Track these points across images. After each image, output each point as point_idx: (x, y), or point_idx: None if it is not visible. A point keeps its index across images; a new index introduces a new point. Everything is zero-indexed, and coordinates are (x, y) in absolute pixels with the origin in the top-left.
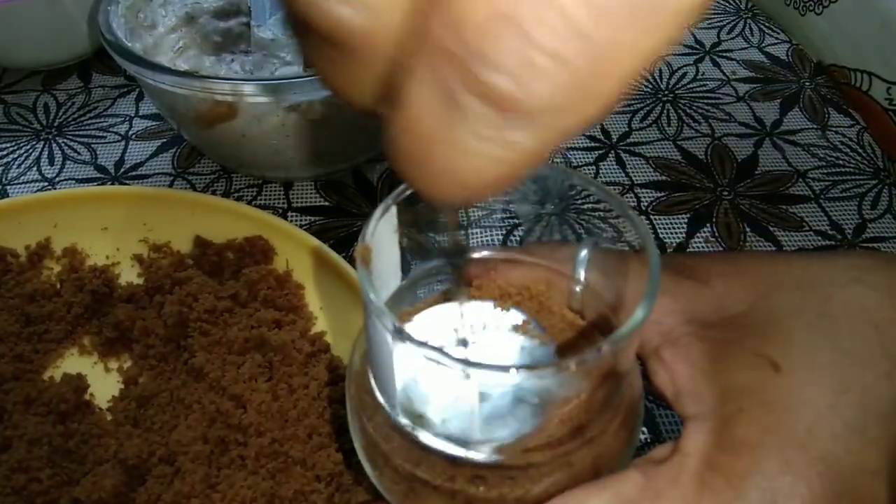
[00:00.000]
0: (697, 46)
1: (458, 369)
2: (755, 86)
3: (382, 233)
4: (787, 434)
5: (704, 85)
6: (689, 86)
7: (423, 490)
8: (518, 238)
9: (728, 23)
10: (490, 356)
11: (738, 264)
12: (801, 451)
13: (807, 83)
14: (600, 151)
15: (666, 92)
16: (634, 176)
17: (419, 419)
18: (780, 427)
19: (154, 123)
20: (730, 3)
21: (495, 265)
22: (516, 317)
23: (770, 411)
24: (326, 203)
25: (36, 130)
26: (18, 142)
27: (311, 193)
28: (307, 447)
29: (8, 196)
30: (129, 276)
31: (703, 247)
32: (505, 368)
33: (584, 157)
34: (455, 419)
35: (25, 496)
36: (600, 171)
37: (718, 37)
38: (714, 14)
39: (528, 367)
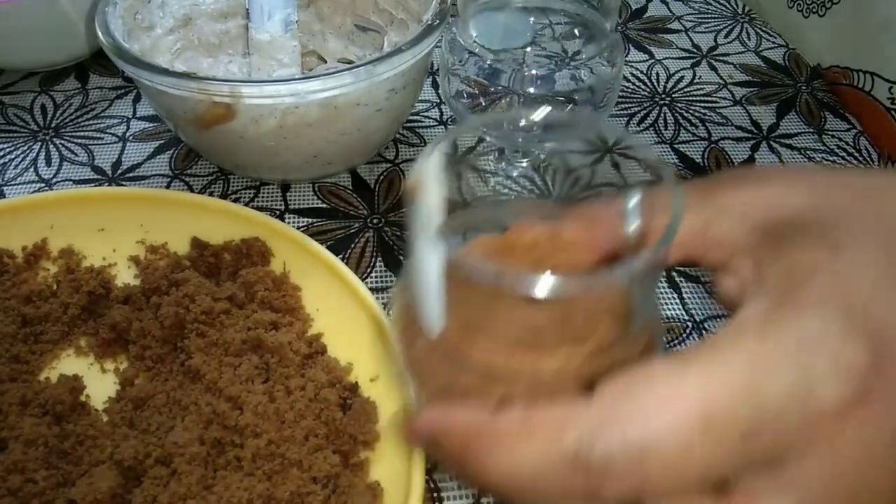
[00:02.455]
0: (694, 50)
1: (495, 275)
2: (752, 90)
3: (428, 173)
4: (846, 299)
5: (701, 89)
6: (685, 89)
7: (464, 394)
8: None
9: (725, 27)
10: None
11: (792, 172)
12: (863, 316)
13: (803, 87)
14: (597, 154)
15: (663, 95)
16: (630, 179)
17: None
18: (840, 292)
19: (151, 125)
20: (727, 7)
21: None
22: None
23: (831, 281)
24: (324, 205)
25: (33, 131)
26: (15, 143)
27: (308, 195)
28: (304, 449)
29: (5, 197)
30: (125, 277)
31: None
32: (547, 277)
33: (580, 160)
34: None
35: (21, 497)
36: (595, 174)
37: (715, 41)
38: (711, 18)
39: (567, 276)
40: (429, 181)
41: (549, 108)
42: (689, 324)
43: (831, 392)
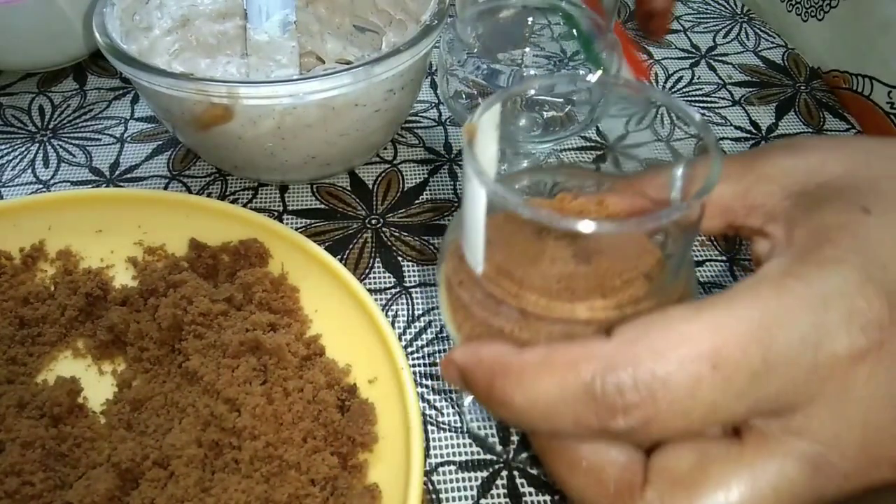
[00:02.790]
0: (693, 50)
1: (538, 212)
2: (751, 90)
3: (485, 123)
4: (871, 255)
5: (700, 89)
6: (684, 90)
7: (498, 336)
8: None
9: (724, 27)
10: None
11: (835, 140)
12: (883, 271)
13: (802, 87)
14: (599, 152)
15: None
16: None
17: (502, 280)
18: (861, 250)
19: (149, 126)
20: (725, 8)
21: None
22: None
23: (854, 240)
24: (322, 206)
25: (31, 132)
26: (13, 144)
27: (306, 196)
28: (302, 451)
29: (2, 198)
30: (123, 278)
31: (699, 251)
32: (592, 219)
33: (580, 157)
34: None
35: (18, 500)
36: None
37: (714, 41)
38: (710, 18)
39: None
40: (485, 130)
41: (600, 72)
42: None
43: (844, 340)
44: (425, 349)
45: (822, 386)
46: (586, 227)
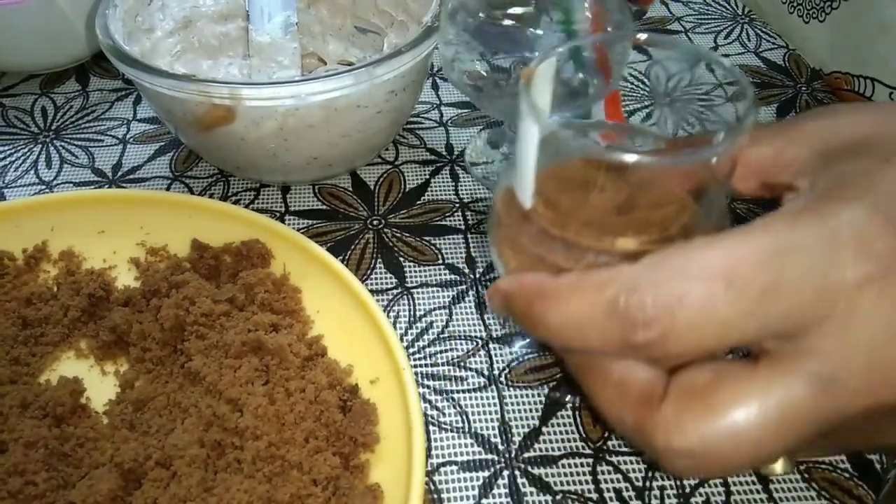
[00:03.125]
0: None
1: (595, 147)
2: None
3: (542, 71)
4: (885, 195)
5: (699, 88)
6: (684, 89)
7: (545, 268)
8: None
9: (725, 28)
10: None
11: (865, 104)
12: (894, 208)
13: (803, 88)
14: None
15: (662, 95)
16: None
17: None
18: (876, 191)
19: (152, 127)
20: (726, 8)
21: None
22: None
23: (870, 183)
24: (324, 207)
25: (33, 133)
26: (16, 145)
27: (308, 197)
28: (304, 451)
29: (5, 199)
30: (125, 279)
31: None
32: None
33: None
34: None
35: (21, 500)
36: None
37: (715, 41)
38: (711, 19)
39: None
40: (541, 78)
41: (647, 34)
42: None
43: (851, 267)
44: (427, 350)
45: (830, 308)
46: (630, 157)
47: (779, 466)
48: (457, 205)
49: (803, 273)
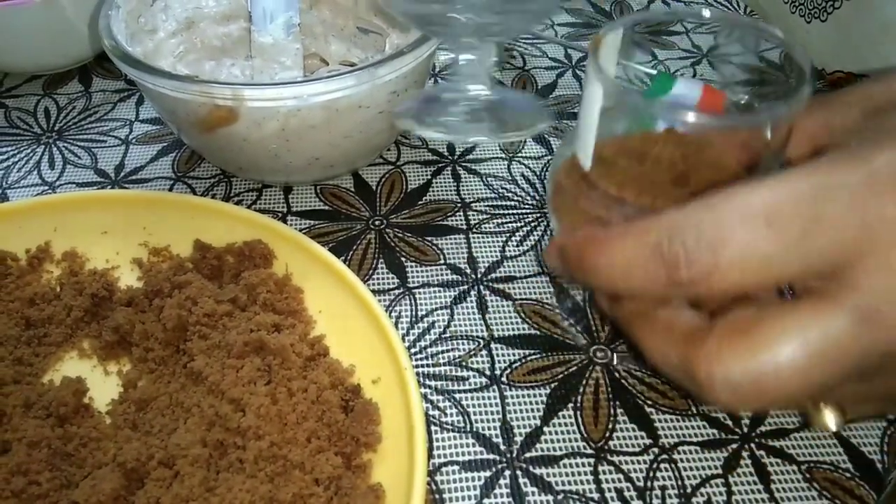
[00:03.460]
0: (695, 50)
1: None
2: (752, 89)
3: (609, 40)
4: None
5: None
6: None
7: (597, 225)
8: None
9: (726, 27)
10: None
11: None
12: None
13: None
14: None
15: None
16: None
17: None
18: None
19: (154, 128)
20: (728, 9)
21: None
22: None
23: None
24: (326, 207)
25: (36, 134)
26: (19, 146)
27: (310, 197)
28: (306, 451)
29: (8, 200)
30: (128, 279)
31: None
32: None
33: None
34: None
35: (24, 499)
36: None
37: (716, 41)
38: (712, 19)
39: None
40: (607, 47)
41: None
42: None
43: (891, 203)
44: (429, 350)
45: (871, 243)
46: (690, 116)
47: (831, 422)
48: (458, 205)
49: (844, 211)
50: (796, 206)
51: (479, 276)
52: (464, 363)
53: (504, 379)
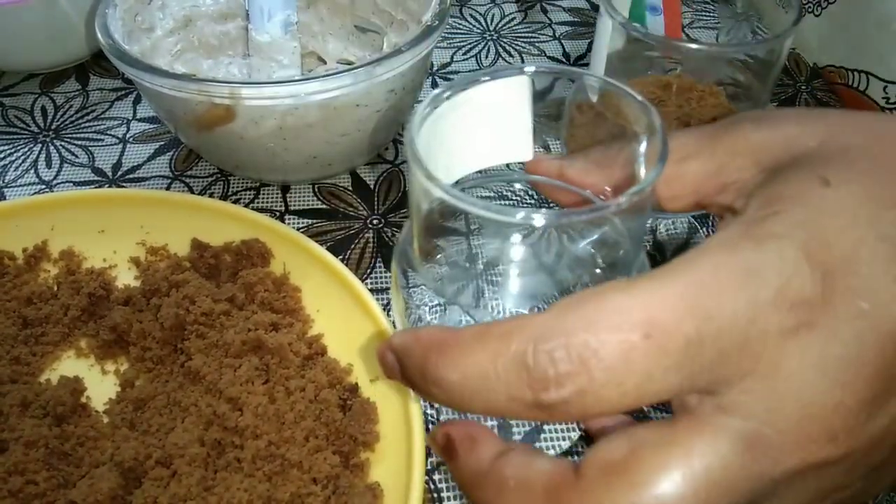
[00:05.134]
0: None
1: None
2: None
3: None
4: (815, 231)
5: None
6: None
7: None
8: None
9: (724, 25)
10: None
11: (810, 111)
12: (824, 249)
13: (803, 87)
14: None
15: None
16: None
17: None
18: (807, 225)
19: (151, 126)
20: (725, 7)
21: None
22: None
23: (803, 213)
24: (324, 206)
25: (33, 133)
26: (16, 144)
27: (308, 196)
28: (304, 450)
29: (5, 199)
30: (126, 278)
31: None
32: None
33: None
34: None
35: (22, 499)
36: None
37: (717, 40)
38: (709, 16)
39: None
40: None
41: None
42: None
43: (775, 319)
44: None
45: (754, 362)
46: (538, 220)
47: None
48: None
49: (725, 323)
50: (677, 318)
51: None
52: None
53: None
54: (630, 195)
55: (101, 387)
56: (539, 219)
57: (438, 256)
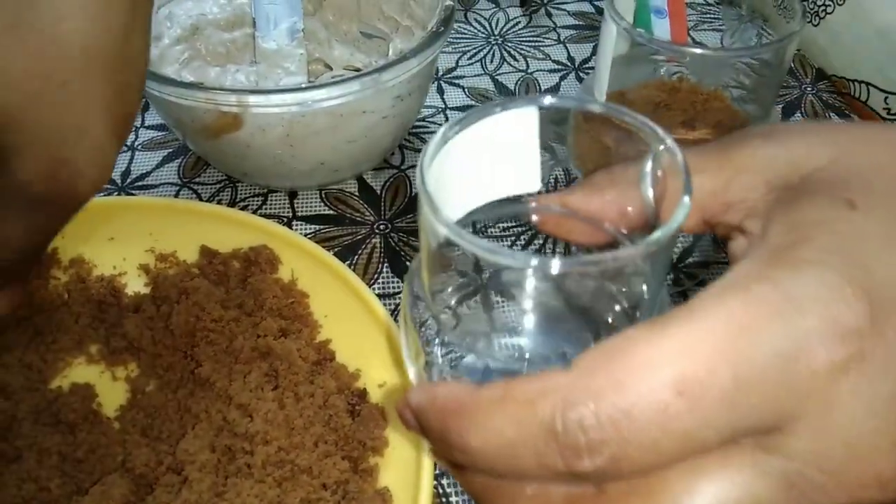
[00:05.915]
0: None
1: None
2: None
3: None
4: (853, 256)
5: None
6: None
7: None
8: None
9: (729, 28)
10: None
11: (817, 126)
12: (866, 274)
13: (808, 89)
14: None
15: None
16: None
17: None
18: (841, 251)
19: (160, 134)
20: (730, 10)
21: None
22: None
23: (834, 239)
24: (331, 212)
25: None
26: None
27: (315, 202)
28: (313, 455)
29: None
30: (135, 285)
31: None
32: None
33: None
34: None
35: None
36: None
37: (722, 42)
38: (715, 18)
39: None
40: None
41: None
42: None
43: (823, 352)
44: None
45: (802, 404)
46: (554, 266)
47: None
48: None
49: (767, 365)
50: (711, 368)
51: (483, 280)
52: None
53: None
54: (647, 243)
55: (112, 394)
56: (554, 266)
57: (449, 290)
